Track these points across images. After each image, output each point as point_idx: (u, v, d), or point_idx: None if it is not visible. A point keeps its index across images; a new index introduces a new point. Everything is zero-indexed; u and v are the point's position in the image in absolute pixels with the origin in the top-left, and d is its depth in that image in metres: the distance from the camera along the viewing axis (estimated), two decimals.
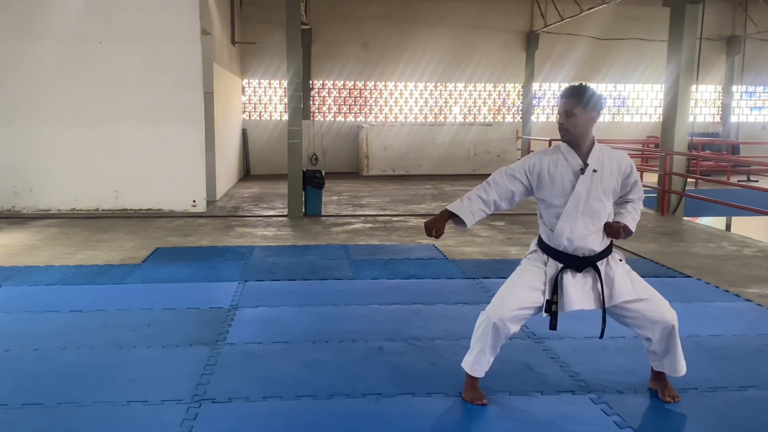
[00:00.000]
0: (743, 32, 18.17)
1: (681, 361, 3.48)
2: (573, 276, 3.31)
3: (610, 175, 3.27)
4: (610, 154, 3.31)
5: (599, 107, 3.29)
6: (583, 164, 3.27)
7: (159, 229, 8.72)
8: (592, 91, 3.26)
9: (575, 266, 3.31)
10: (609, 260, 3.37)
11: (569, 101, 3.24)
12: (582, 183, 3.26)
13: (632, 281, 3.38)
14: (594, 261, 3.32)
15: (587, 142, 3.29)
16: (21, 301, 5.30)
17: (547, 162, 3.35)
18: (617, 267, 3.37)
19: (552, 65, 18.05)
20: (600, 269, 3.32)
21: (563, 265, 3.31)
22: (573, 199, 3.27)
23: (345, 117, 17.82)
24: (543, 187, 3.36)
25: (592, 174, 3.26)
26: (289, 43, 9.64)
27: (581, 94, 3.23)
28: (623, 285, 3.35)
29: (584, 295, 3.32)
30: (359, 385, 3.69)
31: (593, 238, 3.28)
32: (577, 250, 3.29)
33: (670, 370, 3.50)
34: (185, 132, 10.15)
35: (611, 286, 3.33)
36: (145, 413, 3.34)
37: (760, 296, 5.58)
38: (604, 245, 3.34)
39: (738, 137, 18.94)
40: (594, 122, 3.29)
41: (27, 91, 9.96)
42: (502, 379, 3.78)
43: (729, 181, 13.99)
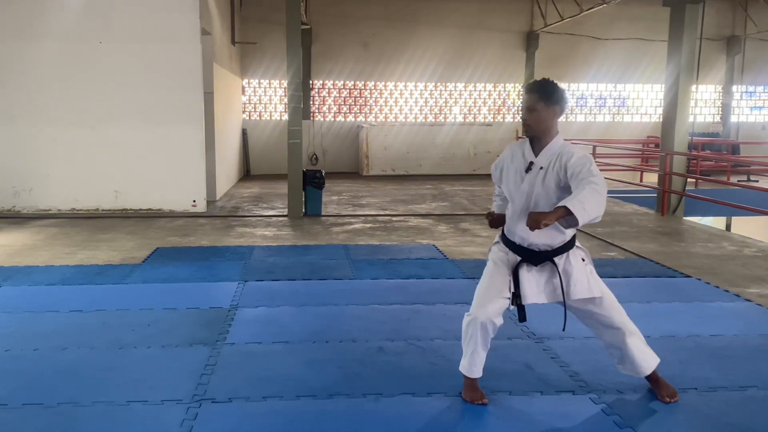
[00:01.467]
0: (743, 32, 18.17)
1: (642, 362, 3.43)
2: (529, 270, 3.30)
3: (555, 172, 3.18)
4: (565, 150, 3.21)
5: (562, 102, 3.24)
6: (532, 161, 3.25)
7: (159, 229, 8.72)
8: (554, 87, 3.22)
9: (532, 260, 3.29)
10: (569, 256, 3.30)
11: (531, 96, 3.20)
12: (527, 180, 3.25)
13: (589, 281, 3.32)
14: (551, 256, 3.27)
15: (549, 137, 3.25)
16: (21, 301, 5.30)
17: (509, 156, 3.37)
18: (577, 264, 3.30)
19: (552, 65, 18.03)
20: (558, 264, 3.27)
21: (521, 258, 3.31)
22: (520, 196, 3.28)
23: (345, 117, 17.81)
24: (503, 180, 3.39)
25: (538, 171, 3.22)
26: (289, 43, 9.64)
27: (543, 89, 3.20)
28: (579, 283, 3.28)
29: (539, 289, 3.30)
30: (359, 385, 3.69)
31: (546, 234, 3.22)
32: (532, 245, 3.28)
33: (633, 372, 3.48)
34: (185, 132, 10.15)
35: (567, 283, 3.28)
36: (145, 413, 3.35)
37: (760, 296, 5.58)
38: (562, 240, 3.27)
39: (738, 137, 18.93)
40: (557, 117, 3.24)
41: (27, 91, 9.96)
42: (502, 379, 3.78)
43: (729, 181, 13.99)
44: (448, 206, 11.03)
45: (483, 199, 11.83)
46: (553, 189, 3.18)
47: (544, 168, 3.20)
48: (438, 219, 9.67)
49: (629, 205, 11.13)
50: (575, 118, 18.74)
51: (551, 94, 3.19)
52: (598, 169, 3.09)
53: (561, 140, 3.27)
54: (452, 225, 9.09)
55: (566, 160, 3.14)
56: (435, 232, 8.57)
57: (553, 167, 3.18)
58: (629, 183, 13.16)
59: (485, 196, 12.25)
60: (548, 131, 3.23)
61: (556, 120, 3.25)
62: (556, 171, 3.17)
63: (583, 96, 18.72)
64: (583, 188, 2.98)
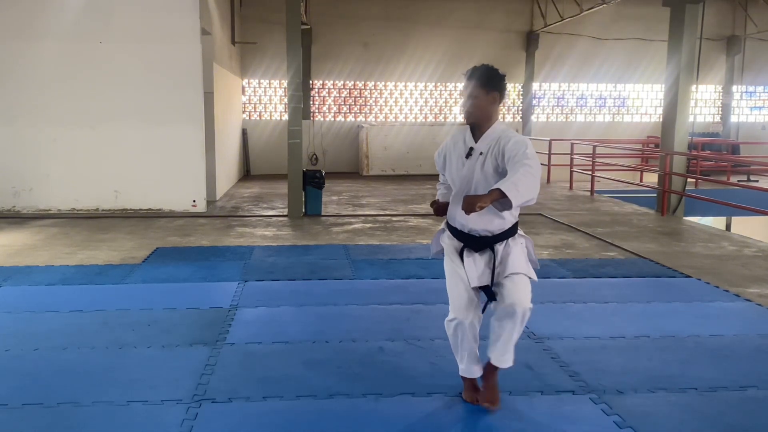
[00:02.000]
0: (743, 32, 18.17)
1: (508, 352, 3.34)
2: (470, 255, 3.30)
3: (493, 157, 3.18)
4: (503, 136, 3.20)
5: (502, 89, 3.23)
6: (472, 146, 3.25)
7: (159, 229, 8.72)
8: (494, 73, 3.21)
9: (473, 246, 3.29)
10: (509, 243, 3.28)
11: (471, 83, 3.20)
12: (468, 165, 3.25)
13: (527, 264, 3.31)
14: (491, 242, 3.26)
15: (489, 123, 3.24)
16: (21, 301, 5.30)
17: (452, 143, 3.38)
18: (516, 248, 3.29)
19: (552, 65, 18.05)
20: (497, 250, 3.26)
21: (463, 244, 3.32)
22: (460, 181, 3.28)
23: (345, 117, 17.81)
24: (446, 167, 3.40)
25: (478, 157, 3.22)
26: (289, 43, 9.64)
27: (483, 76, 3.19)
28: (517, 261, 3.26)
29: (478, 273, 3.27)
30: (359, 385, 3.69)
31: (486, 220, 3.22)
32: (472, 231, 3.28)
33: (494, 358, 3.36)
34: (185, 132, 10.15)
35: (504, 264, 3.26)
36: (145, 413, 3.35)
37: (760, 296, 5.58)
38: (500, 227, 3.25)
39: (738, 137, 18.93)
40: (496, 104, 3.23)
41: (27, 91, 9.96)
42: (502, 379, 3.77)
43: (729, 181, 13.99)
44: None
45: None
46: (491, 174, 3.19)
47: (483, 153, 3.21)
48: (438, 219, 9.64)
49: (629, 205, 11.13)
50: (575, 118, 18.74)
51: (490, 80, 3.19)
52: (534, 153, 3.09)
53: (501, 126, 3.27)
54: None
55: (504, 144, 3.15)
56: (435, 232, 8.55)
57: (491, 152, 3.19)
58: (629, 183, 13.17)
59: None
60: (488, 117, 3.24)
61: (496, 106, 3.25)
62: (494, 156, 3.17)
63: (583, 96, 18.71)
64: (516, 170, 3.00)
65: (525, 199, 2.97)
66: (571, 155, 13.84)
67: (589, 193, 12.71)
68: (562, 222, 9.33)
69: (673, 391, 3.66)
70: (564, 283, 6.01)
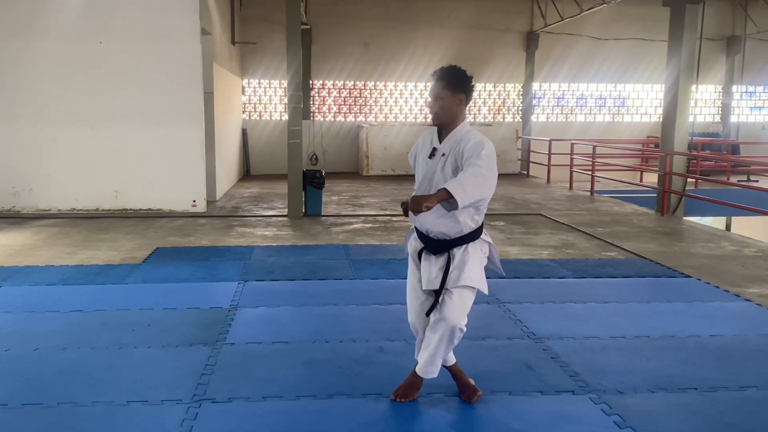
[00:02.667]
0: (743, 32, 18.16)
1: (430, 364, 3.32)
2: (428, 257, 3.29)
3: (453, 158, 3.16)
4: (466, 137, 3.17)
5: (468, 90, 3.22)
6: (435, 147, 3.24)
7: (159, 229, 8.72)
8: (461, 74, 3.20)
9: (430, 248, 3.29)
10: (468, 248, 3.24)
11: (438, 84, 3.19)
12: (429, 165, 3.24)
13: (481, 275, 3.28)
14: (449, 246, 3.23)
15: (454, 125, 3.23)
16: (21, 301, 5.30)
17: (421, 143, 3.38)
18: (474, 255, 3.25)
19: (552, 65, 18.05)
20: (455, 254, 3.23)
21: (424, 245, 3.32)
22: (422, 181, 3.28)
23: (345, 117, 17.81)
24: (415, 166, 3.41)
25: (440, 158, 3.22)
26: (289, 43, 9.64)
27: (450, 77, 3.18)
28: (471, 272, 3.22)
29: (433, 276, 3.26)
30: (359, 385, 3.69)
31: (444, 223, 3.20)
32: (429, 232, 3.27)
33: (419, 366, 3.37)
34: (185, 132, 10.15)
35: (461, 270, 3.22)
36: (145, 413, 3.35)
37: (760, 296, 5.58)
38: (457, 232, 3.21)
39: (738, 137, 18.93)
40: (463, 105, 3.22)
41: (27, 91, 9.95)
42: (502, 379, 3.78)
43: (729, 181, 13.99)
44: None
45: None
46: (450, 175, 3.16)
47: (446, 154, 3.19)
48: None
49: (629, 205, 11.13)
50: (575, 118, 18.74)
51: (457, 81, 3.18)
52: (489, 154, 3.07)
53: (466, 127, 3.24)
54: None
55: (464, 146, 3.13)
56: None
57: (452, 153, 3.17)
58: (629, 183, 13.17)
59: None
60: (454, 119, 3.22)
61: (462, 107, 3.23)
62: (455, 156, 3.15)
63: (583, 96, 18.71)
64: (466, 170, 2.99)
65: (472, 199, 2.95)
66: (571, 155, 13.85)
67: (589, 193, 12.71)
68: (562, 222, 9.33)
69: (673, 391, 3.66)
70: (564, 283, 6.01)
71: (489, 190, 3.04)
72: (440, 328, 3.25)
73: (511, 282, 5.98)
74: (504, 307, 5.18)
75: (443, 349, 3.31)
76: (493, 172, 3.05)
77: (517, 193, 12.81)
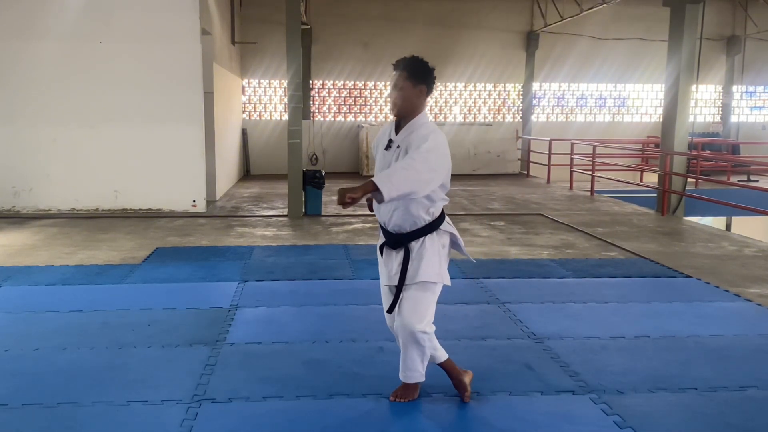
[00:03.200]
0: (743, 32, 18.16)
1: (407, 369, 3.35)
2: (387, 252, 3.29)
3: (405, 150, 3.13)
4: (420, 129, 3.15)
5: (430, 82, 3.19)
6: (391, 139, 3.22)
7: (159, 229, 8.72)
8: (423, 65, 3.18)
9: (390, 242, 3.28)
10: (425, 241, 3.23)
11: (399, 74, 3.17)
12: (385, 157, 3.23)
13: (441, 267, 3.26)
14: (406, 239, 3.22)
15: (413, 116, 3.20)
16: (21, 301, 5.30)
17: (381, 134, 3.37)
18: (432, 247, 3.23)
19: (552, 65, 18.05)
20: (412, 248, 3.21)
21: (385, 239, 3.31)
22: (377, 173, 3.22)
23: (345, 117, 17.81)
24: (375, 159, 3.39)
25: (395, 149, 3.19)
26: (289, 43, 9.64)
27: (411, 67, 3.17)
28: (426, 266, 3.20)
29: (390, 271, 3.27)
30: (359, 385, 3.69)
31: (398, 216, 3.19)
32: (388, 225, 3.25)
33: (400, 372, 3.41)
34: (185, 132, 10.15)
35: (417, 265, 3.21)
36: (145, 413, 3.35)
37: (760, 296, 5.58)
38: (412, 225, 3.20)
39: (738, 137, 18.93)
40: (423, 97, 3.19)
41: (27, 91, 9.95)
42: (502, 379, 3.78)
43: (729, 181, 13.99)
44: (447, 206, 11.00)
45: (483, 199, 11.83)
46: None
47: (400, 147, 3.17)
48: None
49: (629, 205, 11.13)
50: (575, 118, 18.74)
51: (418, 73, 3.15)
52: (432, 147, 3.01)
53: (423, 120, 3.19)
54: None
55: (414, 138, 3.10)
56: None
57: (404, 145, 3.15)
58: (629, 183, 13.17)
59: (485, 196, 12.26)
60: (413, 110, 3.18)
61: (422, 99, 3.19)
62: (405, 148, 3.13)
63: (583, 96, 18.71)
64: (398, 163, 2.96)
65: (399, 192, 2.87)
66: (571, 155, 13.84)
67: (589, 193, 12.71)
68: (562, 222, 9.33)
69: (673, 391, 3.66)
70: (564, 283, 6.00)
71: (423, 183, 2.93)
72: (400, 333, 3.28)
73: (511, 282, 5.99)
74: (504, 307, 5.19)
75: (413, 353, 3.29)
76: (430, 164, 2.95)
77: (517, 193, 12.81)
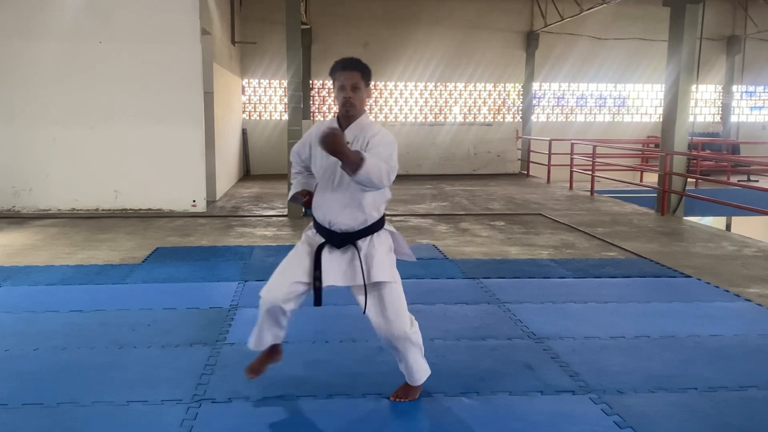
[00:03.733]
0: (743, 32, 18.16)
1: (415, 372, 3.41)
2: (331, 252, 3.27)
3: (359, 146, 3.15)
4: (371, 128, 3.21)
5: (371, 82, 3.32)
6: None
7: (159, 229, 8.72)
8: (368, 66, 3.27)
9: (334, 242, 3.26)
10: (373, 239, 3.27)
11: (355, 75, 3.20)
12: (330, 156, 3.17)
13: (392, 266, 3.30)
14: (354, 238, 3.24)
15: (360, 115, 3.24)
16: (21, 301, 5.30)
17: (316, 133, 3.31)
18: (381, 247, 3.27)
19: (552, 65, 18.05)
20: (360, 247, 3.24)
21: (325, 239, 3.28)
22: (325, 172, 3.24)
23: None
24: (311, 159, 3.36)
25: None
26: (289, 43, 9.64)
27: (365, 69, 3.23)
28: (381, 265, 3.24)
29: (340, 271, 3.26)
30: (359, 385, 3.69)
31: (348, 214, 3.21)
32: (333, 225, 3.24)
33: (406, 376, 3.46)
34: (185, 132, 10.15)
35: (369, 266, 3.24)
36: (145, 413, 3.34)
37: (760, 296, 5.58)
38: (362, 223, 3.23)
39: (738, 137, 18.92)
40: (369, 96, 3.30)
41: (27, 91, 9.95)
42: (502, 379, 3.78)
43: (729, 181, 14.00)
44: (447, 206, 11.03)
45: (483, 199, 11.83)
46: None
47: (350, 143, 3.17)
48: (438, 219, 9.67)
49: (629, 205, 11.13)
50: (575, 118, 18.74)
51: (369, 74, 3.24)
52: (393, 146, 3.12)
53: (367, 119, 3.26)
54: (452, 225, 9.09)
55: (370, 137, 3.15)
56: (435, 232, 8.57)
57: (358, 141, 3.17)
58: (629, 183, 13.17)
59: (485, 196, 12.26)
60: (363, 109, 3.27)
61: (368, 98, 3.32)
62: (360, 145, 3.15)
63: (583, 96, 18.71)
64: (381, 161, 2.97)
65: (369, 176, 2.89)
66: (571, 155, 13.85)
67: (589, 193, 12.71)
68: (562, 222, 9.33)
69: (673, 391, 3.66)
70: (564, 283, 6.00)
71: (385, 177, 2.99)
72: (395, 344, 3.32)
73: (511, 282, 5.99)
74: (504, 307, 5.18)
75: (415, 354, 3.38)
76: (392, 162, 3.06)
77: (517, 193, 12.81)
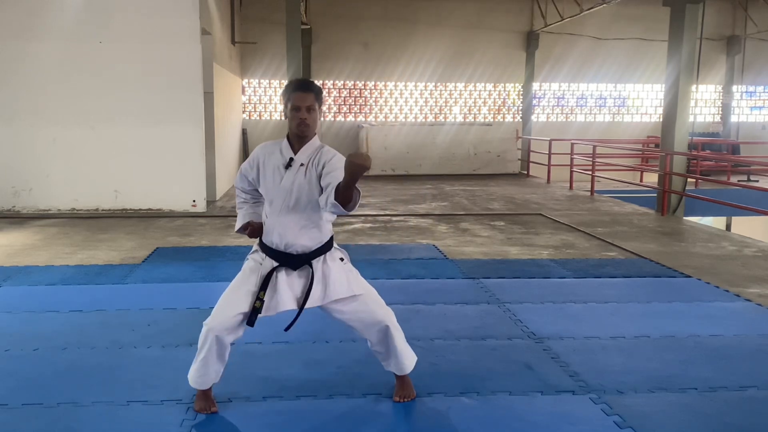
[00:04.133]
0: (743, 32, 18.17)
1: (405, 359, 3.43)
2: (287, 275, 3.22)
3: (314, 167, 3.13)
4: (324, 150, 3.19)
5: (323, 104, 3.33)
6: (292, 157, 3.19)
7: (159, 229, 8.72)
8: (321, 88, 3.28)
9: (290, 264, 3.22)
10: (327, 258, 3.25)
11: (309, 96, 3.15)
12: (287, 176, 3.18)
13: (348, 280, 3.28)
14: (309, 259, 3.22)
15: (312, 136, 3.22)
16: (21, 301, 5.30)
17: (263, 155, 3.28)
18: (334, 264, 3.26)
19: (552, 65, 18.06)
20: (316, 267, 3.22)
21: (278, 263, 3.22)
22: (280, 194, 3.18)
23: (345, 117, 17.82)
24: (260, 181, 3.30)
25: (299, 167, 3.17)
26: (289, 43, 9.66)
27: (318, 90, 3.21)
28: (338, 283, 3.23)
29: (295, 294, 3.23)
30: (359, 385, 3.69)
31: (305, 234, 3.18)
32: (289, 247, 3.19)
33: (396, 370, 3.45)
34: (185, 132, 10.15)
35: (326, 284, 3.22)
36: (145, 413, 3.35)
37: (760, 296, 5.58)
38: (319, 242, 3.22)
39: (738, 137, 18.93)
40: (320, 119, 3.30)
41: (27, 91, 9.95)
42: (502, 379, 3.78)
43: (729, 181, 14.00)
44: (448, 206, 11.03)
45: (483, 199, 11.83)
46: (315, 183, 3.12)
47: (304, 164, 3.16)
48: (438, 219, 9.67)
49: (629, 205, 11.13)
50: (575, 118, 18.74)
51: (321, 95, 3.23)
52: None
53: (317, 140, 3.25)
54: (452, 225, 9.09)
55: (326, 159, 3.12)
56: (435, 232, 8.57)
57: (313, 163, 3.15)
58: (629, 183, 13.17)
59: (485, 196, 12.26)
60: (315, 130, 3.26)
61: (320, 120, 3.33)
62: (315, 166, 3.13)
63: (583, 96, 18.72)
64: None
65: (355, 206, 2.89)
66: (571, 155, 13.85)
67: (589, 193, 12.71)
68: (562, 222, 9.33)
69: (673, 391, 3.66)
70: (564, 283, 6.00)
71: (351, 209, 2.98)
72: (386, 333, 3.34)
73: (511, 282, 5.99)
74: (504, 307, 5.19)
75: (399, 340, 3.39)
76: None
77: (517, 193, 12.81)
